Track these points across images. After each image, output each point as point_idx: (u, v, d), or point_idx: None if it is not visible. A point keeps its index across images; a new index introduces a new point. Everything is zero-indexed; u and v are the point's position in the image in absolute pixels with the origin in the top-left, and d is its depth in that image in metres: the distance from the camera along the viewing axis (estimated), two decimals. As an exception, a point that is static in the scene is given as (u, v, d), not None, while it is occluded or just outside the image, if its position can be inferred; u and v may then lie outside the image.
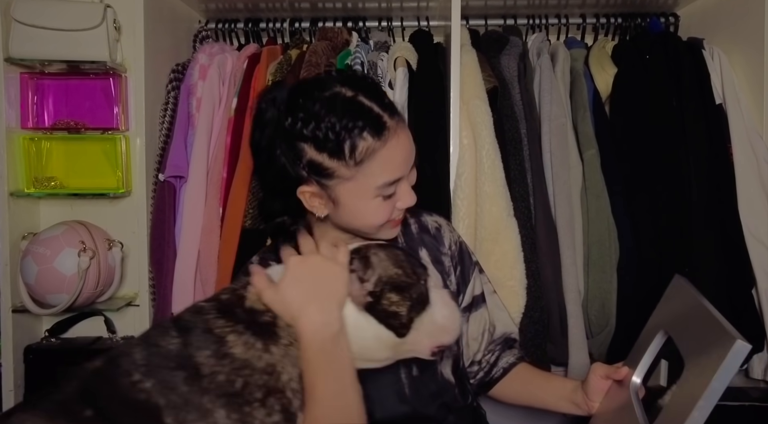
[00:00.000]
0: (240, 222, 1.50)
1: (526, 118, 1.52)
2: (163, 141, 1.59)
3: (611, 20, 1.79)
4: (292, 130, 0.85)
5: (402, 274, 0.83)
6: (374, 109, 0.86)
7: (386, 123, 0.86)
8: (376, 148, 0.85)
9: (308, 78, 0.95)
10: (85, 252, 1.47)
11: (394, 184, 0.89)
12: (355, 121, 0.84)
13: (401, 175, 0.89)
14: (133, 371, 0.70)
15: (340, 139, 0.84)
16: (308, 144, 0.85)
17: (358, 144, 0.84)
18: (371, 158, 0.85)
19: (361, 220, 0.91)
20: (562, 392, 1.02)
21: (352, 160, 0.85)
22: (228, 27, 1.84)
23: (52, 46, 1.49)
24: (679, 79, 1.53)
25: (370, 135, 0.84)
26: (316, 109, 0.84)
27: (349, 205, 0.89)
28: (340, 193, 0.88)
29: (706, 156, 1.48)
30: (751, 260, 1.45)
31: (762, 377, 1.48)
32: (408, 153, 0.90)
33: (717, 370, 0.72)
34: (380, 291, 0.81)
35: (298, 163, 0.87)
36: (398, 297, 0.81)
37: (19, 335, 1.55)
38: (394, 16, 1.83)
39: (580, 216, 1.49)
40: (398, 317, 0.81)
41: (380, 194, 0.88)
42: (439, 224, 1.10)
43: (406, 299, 0.82)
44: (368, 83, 0.91)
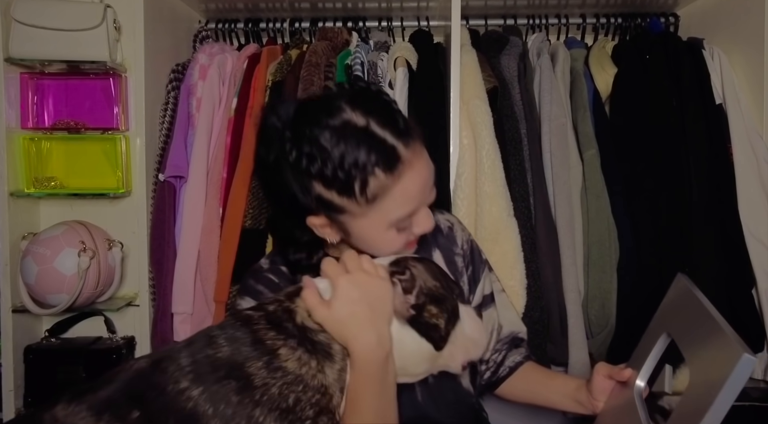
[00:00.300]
0: (240, 222, 1.50)
1: (526, 118, 1.52)
2: (163, 141, 1.60)
3: (611, 20, 1.79)
4: (297, 165, 0.80)
5: (440, 286, 0.82)
6: (387, 140, 0.79)
7: (400, 155, 0.80)
8: (389, 184, 0.80)
9: (316, 96, 0.89)
10: (85, 252, 1.47)
11: (410, 217, 0.85)
12: (366, 157, 0.78)
13: (417, 206, 0.85)
14: (180, 378, 0.68)
15: (349, 177, 0.78)
16: (316, 181, 0.80)
17: (369, 182, 0.79)
18: (384, 195, 0.80)
19: (374, 249, 0.88)
20: (566, 390, 1.02)
21: (363, 198, 0.80)
22: (228, 27, 1.84)
23: (52, 46, 1.49)
24: (679, 79, 1.53)
25: (382, 171, 0.79)
26: (322, 144, 0.78)
27: (361, 237, 0.86)
28: (352, 227, 0.85)
29: (706, 156, 1.48)
30: (751, 260, 1.45)
31: (762, 377, 1.48)
32: (425, 181, 0.85)
33: (724, 384, 0.69)
34: (422, 303, 0.80)
35: (307, 196, 0.82)
36: (437, 310, 0.81)
37: (19, 335, 1.55)
38: (394, 16, 1.83)
39: (580, 216, 1.49)
40: (438, 330, 0.81)
41: (395, 227, 0.85)
42: (451, 223, 1.08)
43: (443, 311, 0.81)
44: (380, 104, 0.84)
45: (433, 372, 0.86)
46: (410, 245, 0.92)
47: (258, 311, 0.78)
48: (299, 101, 0.86)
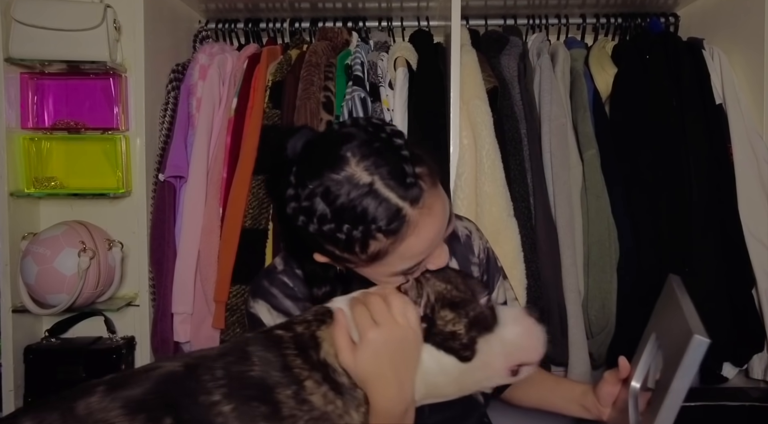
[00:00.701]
0: (240, 222, 1.50)
1: (526, 118, 1.52)
2: (163, 141, 1.60)
3: (611, 20, 1.79)
4: (299, 217, 0.76)
5: (452, 288, 0.77)
6: (391, 200, 0.73)
7: (405, 216, 0.74)
8: (391, 245, 0.75)
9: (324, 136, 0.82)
10: (85, 252, 1.47)
11: (419, 264, 0.80)
12: (367, 220, 0.73)
13: (426, 255, 0.79)
14: (213, 390, 0.67)
15: (350, 240, 0.74)
16: (318, 236, 0.76)
17: (369, 244, 0.75)
18: (386, 255, 0.76)
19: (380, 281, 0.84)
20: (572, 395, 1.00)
21: (365, 256, 0.76)
22: (228, 27, 1.84)
23: (52, 46, 1.49)
24: (679, 79, 1.53)
25: (384, 235, 0.74)
26: (320, 204, 0.74)
27: (369, 276, 0.83)
28: (357, 269, 0.82)
29: (706, 156, 1.48)
30: (751, 260, 1.45)
31: (762, 377, 1.48)
32: (436, 234, 0.78)
33: (678, 367, 0.71)
34: (432, 312, 0.75)
35: (312, 241, 0.79)
36: (452, 314, 0.75)
37: (19, 335, 1.55)
38: (394, 16, 1.83)
39: (580, 216, 1.49)
40: (457, 337, 0.74)
41: (401, 274, 0.80)
42: (469, 230, 1.05)
43: (461, 315, 0.75)
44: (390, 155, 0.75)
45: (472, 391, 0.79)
46: None
47: (288, 332, 0.75)
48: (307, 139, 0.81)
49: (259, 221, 1.50)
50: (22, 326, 1.56)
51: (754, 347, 1.47)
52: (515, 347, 0.77)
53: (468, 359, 0.75)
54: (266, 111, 1.56)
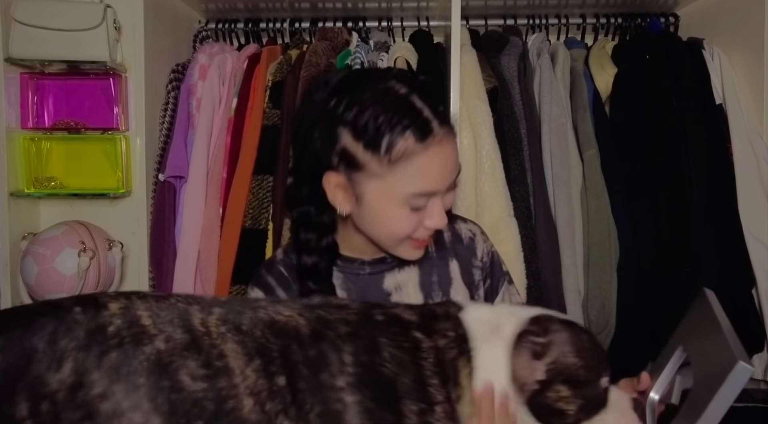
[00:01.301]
0: (240, 222, 1.50)
1: (526, 118, 1.52)
2: (163, 141, 1.60)
3: (611, 20, 1.79)
4: (334, 111, 0.81)
5: (582, 366, 0.68)
6: (424, 111, 0.81)
7: (433, 129, 0.81)
8: (415, 151, 0.79)
9: (365, 69, 0.94)
10: (85, 252, 1.47)
11: (426, 197, 0.83)
12: (400, 118, 0.79)
13: (436, 189, 0.83)
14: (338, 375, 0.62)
15: (379, 132, 0.79)
16: (347, 130, 0.80)
17: (396, 142, 0.79)
18: (407, 161, 0.80)
19: (381, 226, 0.85)
20: None
21: (387, 158, 0.79)
22: (228, 27, 1.84)
23: (52, 46, 1.49)
24: (679, 79, 1.53)
25: (413, 136, 0.79)
26: (363, 97, 0.80)
27: (372, 206, 0.84)
28: (366, 190, 0.83)
29: (706, 156, 1.48)
30: (751, 260, 1.45)
31: (762, 377, 1.48)
32: (449, 168, 0.84)
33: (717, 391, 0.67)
34: (550, 380, 0.68)
35: (331, 149, 0.82)
36: (569, 393, 0.68)
37: None
38: (394, 16, 1.83)
39: (580, 216, 1.49)
40: (563, 417, 0.68)
41: (408, 204, 0.82)
42: (473, 232, 1.03)
43: (578, 397, 0.68)
44: (425, 84, 0.85)
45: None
46: (417, 244, 0.89)
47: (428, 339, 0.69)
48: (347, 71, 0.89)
49: (259, 221, 1.50)
50: (22, 326, 1.56)
51: (754, 347, 1.47)
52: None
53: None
54: (266, 111, 1.56)
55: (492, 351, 0.71)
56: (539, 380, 0.68)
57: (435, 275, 0.97)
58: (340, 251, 0.94)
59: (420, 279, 0.96)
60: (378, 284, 0.94)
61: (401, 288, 0.94)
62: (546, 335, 0.69)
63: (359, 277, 0.95)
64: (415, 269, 0.96)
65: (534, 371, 0.68)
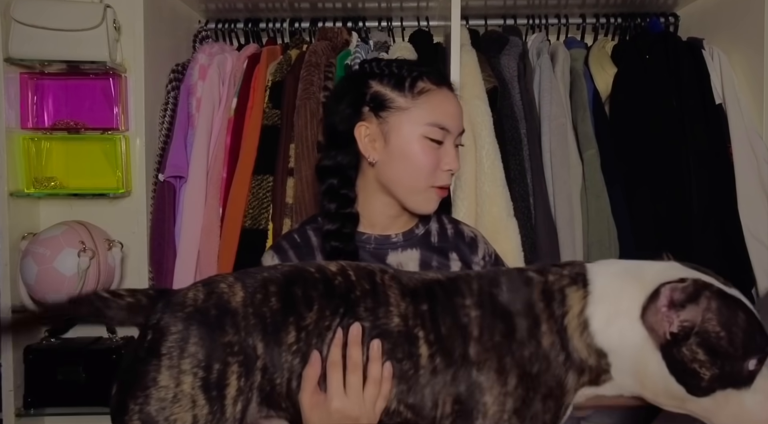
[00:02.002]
0: (240, 222, 1.50)
1: (526, 118, 1.52)
2: (163, 141, 1.59)
3: (611, 20, 1.79)
4: (365, 70, 1.01)
5: (725, 337, 0.69)
6: (437, 70, 1.04)
7: (445, 79, 1.02)
8: (432, 89, 0.98)
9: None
10: (85, 252, 1.47)
11: (443, 131, 0.97)
12: (419, 68, 1.00)
13: (449, 126, 0.98)
14: (467, 296, 0.77)
15: (403, 75, 0.98)
16: (376, 80, 0.99)
17: (418, 81, 0.98)
18: (427, 96, 0.97)
19: (406, 164, 0.97)
20: None
21: (410, 93, 0.97)
22: (228, 27, 1.84)
23: (52, 46, 1.49)
24: (679, 79, 1.54)
25: (430, 80, 0.98)
26: (390, 61, 1.02)
27: (398, 143, 0.97)
28: (393, 126, 0.97)
29: (706, 156, 1.48)
30: (751, 260, 1.45)
31: (762, 377, 1.48)
32: (459, 115, 1.01)
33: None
34: (684, 338, 0.69)
35: (363, 101, 0.99)
36: (706, 358, 0.69)
37: (19, 335, 1.55)
38: (394, 16, 1.83)
39: (580, 216, 1.49)
40: (696, 378, 0.70)
41: (428, 135, 0.96)
42: (475, 234, 1.12)
43: (714, 365, 0.69)
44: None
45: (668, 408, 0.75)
46: (438, 192, 1.00)
47: (540, 276, 0.79)
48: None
49: (258, 221, 1.50)
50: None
51: (754, 347, 1.47)
52: (746, 416, 0.71)
53: (698, 395, 0.71)
54: (266, 111, 1.56)
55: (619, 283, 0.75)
56: (671, 332, 0.70)
57: (435, 261, 1.05)
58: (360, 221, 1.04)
59: (420, 262, 1.04)
60: (381, 260, 1.03)
61: (402, 267, 1.02)
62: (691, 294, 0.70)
63: (364, 250, 1.03)
64: (416, 253, 1.04)
65: (665, 320, 0.70)
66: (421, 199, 1.00)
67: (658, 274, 0.74)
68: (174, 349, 0.71)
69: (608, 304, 0.74)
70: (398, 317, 0.76)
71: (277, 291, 0.77)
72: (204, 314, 0.73)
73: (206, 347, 0.71)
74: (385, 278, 0.80)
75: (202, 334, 0.72)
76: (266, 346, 0.73)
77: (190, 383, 0.70)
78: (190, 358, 0.71)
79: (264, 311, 0.75)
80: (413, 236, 1.06)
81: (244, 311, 0.74)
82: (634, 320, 0.72)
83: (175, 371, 0.70)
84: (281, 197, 1.49)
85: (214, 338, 0.72)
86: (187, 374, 0.70)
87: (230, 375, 0.71)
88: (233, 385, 0.71)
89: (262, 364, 0.73)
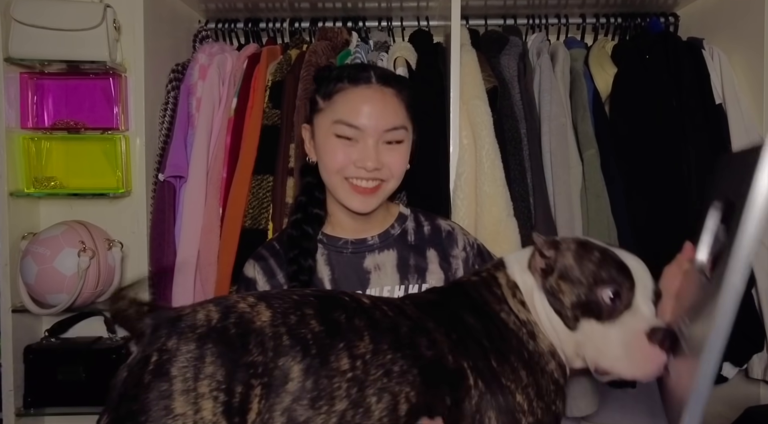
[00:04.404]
0: (240, 222, 1.50)
1: (526, 118, 1.52)
2: (163, 141, 1.59)
3: (611, 20, 1.79)
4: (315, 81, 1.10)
5: (576, 269, 0.82)
6: (369, 70, 1.04)
7: (369, 78, 1.03)
8: (346, 88, 1.02)
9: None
10: (85, 252, 1.47)
11: (352, 129, 1.00)
12: (347, 69, 1.05)
13: (360, 124, 1.00)
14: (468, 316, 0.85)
15: (329, 78, 1.04)
16: (316, 88, 1.07)
17: (336, 83, 1.03)
18: (339, 94, 1.02)
19: (323, 161, 1.03)
20: None
21: (327, 94, 1.03)
22: (228, 27, 1.84)
23: (52, 46, 1.49)
24: (679, 79, 1.53)
25: (348, 81, 1.02)
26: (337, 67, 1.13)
27: (318, 140, 1.04)
28: (316, 125, 1.05)
29: (706, 156, 1.48)
30: (751, 260, 1.44)
31: (762, 377, 1.48)
32: (378, 111, 1.01)
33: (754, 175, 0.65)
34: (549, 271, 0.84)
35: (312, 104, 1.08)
36: (566, 287, 0.83)
37: (19, 335, 1.55)
38: (394, 16, 1.83)
39: (580, 216, 1.49)
40: (562, 308, 0.83)
41: (336, 132, 1.00)
42: (452, 227, 1.15)
43: (572, 294, 0.82)
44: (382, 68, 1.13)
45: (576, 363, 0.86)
46: (357, 189, 1.02)
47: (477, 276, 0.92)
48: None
49: (258, 221, 1.50)
50: (22, 326, 1.56)
51: (754, 346, 1.47)
52: (608, 348, 0.80)
53: (571, 328, 0.83)
54: (266, 111, 1.56)
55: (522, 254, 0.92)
56: (541, 268, 0.85)
57: (412, 259, 1.09)
58: (328, 232, 1.10)
59: (397, 262, 1.08)
60: (359, 263, 1.07)
61: (380, 268, 1.07)
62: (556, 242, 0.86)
63: (342, 255, 1.08)
64: (393, 253, 1.09)
65: (538, 262, 0.86)
66: (342, 195, 1.03)
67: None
68: (187, 369, 0.63)
69: (517, 265, 0.90)
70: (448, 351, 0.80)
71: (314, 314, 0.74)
72: (221, 333, 0.67)
73: (226, 366, 0.64)
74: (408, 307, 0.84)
75: (221, 352, 0.65)
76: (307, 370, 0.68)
77: (210, 408, 0.62)
78: (209, 379, 0.63)
79: (303, 333, 0.70)
80: (389, 236, 1.10)
81: (274, 331, 0.69)
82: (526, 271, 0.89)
83: (192, 394, 0.62)
84: (281, 197, 1.49)
85: (234, 357, 0.65)
86: (206, 399, 0.62)
87: (253, 399, 0.64)
88: (254, 409, 0.65)
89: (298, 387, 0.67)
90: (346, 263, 1.07)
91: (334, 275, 1.06)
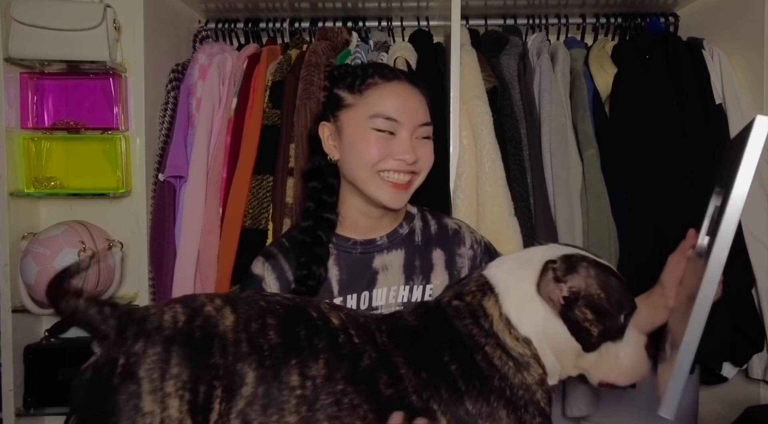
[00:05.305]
0: (240, 222, 1.50)
1: (526, 118, 1.52)
2: (163, 141, 1.59)
3: (611, 20, 1.79)
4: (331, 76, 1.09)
5: (604, 298, 0.81)
6: (397, 70, 1.07)
7: (399, 76, 1.04)
8: (378, 83, 1.02)
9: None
10: (84, 252, 1.47)
11: (390, 122, 0.99)
12: (374, 67, 1.05)
13: (396, 116, 0.99)
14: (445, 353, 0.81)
15: (355, 74, 1.03)
16: (336, 85, 1.05)
17: (366, 79, 1.02)
18: (371, 90, 1.01)
19: (356, 155, 1.00)
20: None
21: (358, 90, 1.02)
22: (228, 27, 1.84)
23: (52, 46, 1.49)
24: (679, 79, 1.53)
25: (379, 76, 1.02)
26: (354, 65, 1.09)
27: (348, 136, 1.02)
28: (344, 122, 1.02)
29: (706, 156, 1.48)
30: (751, 260, 1.45)
31: (762, 377, 1.48)
32: (412, 106, 1.01)
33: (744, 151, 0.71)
34: (574, 300, 0.81)
35: (324, 104, 1.08)
36: (593, 317, 0.81)
37: (19, 335, 1.55)
38: (394, 16, 1.83)
39: (580, 216, 1.49)
40: (588, 335, 0.82)
41: (374, 126, 0.99)
42: (459, 225, 1.15)
43: (599, 322, 0.82)
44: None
45: (572, 374, 0.87)
46: (392, 185, 1.01)
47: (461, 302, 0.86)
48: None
49: (258, 221, 1.50)
50: (22, 326, 1.56)
51: (754, 346, 1.47)
52: (619, 368, 0.84)
53: (589, 351, 0.83)
54: (266, 111, 1.56)
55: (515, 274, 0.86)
56: (564, 297, 0.81)
57: (418, 260, 1.09)
58: (337, 232, 1.08)
59: (404, 262, 1.08)
60: (368, 263, 1.07)
61: (387, 268, 1.07)
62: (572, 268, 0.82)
63: (351, 255, 1.07)
64: (401, 253, 1.09)
65: (556, 289, 0.82)
66: (373, 189, 1.01)
67: (543, 256, 0.85)
68: (154, 371, 0.66)
69: (515, 294, 0.84)
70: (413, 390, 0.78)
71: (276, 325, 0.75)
72: (187, 336, 0.70)
73: (191, 367, 0.68)
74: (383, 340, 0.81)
75: (186, 354, 0.68)
76: (260, 378, 0.71)
77: (177, 406, 0.66)
78: (174, 379, 0.67)
79: (261, 342, 0.72)
80: (397, 236, 1.10)
81: (235, 336, 0.72)
82: (534, 298, 0.83)
83: (159, 394, 0.66)
84: (281, 197, 1.49)
85: (198, 359, 0.69)
86: (172, 397, 0.66)
87: (215, 399, 0.68)
88: (216, 409, 0.68)
89: (251, 392, 0.70)
90: (355, 262, 1.07)
91: (342, 275, 1.06)
